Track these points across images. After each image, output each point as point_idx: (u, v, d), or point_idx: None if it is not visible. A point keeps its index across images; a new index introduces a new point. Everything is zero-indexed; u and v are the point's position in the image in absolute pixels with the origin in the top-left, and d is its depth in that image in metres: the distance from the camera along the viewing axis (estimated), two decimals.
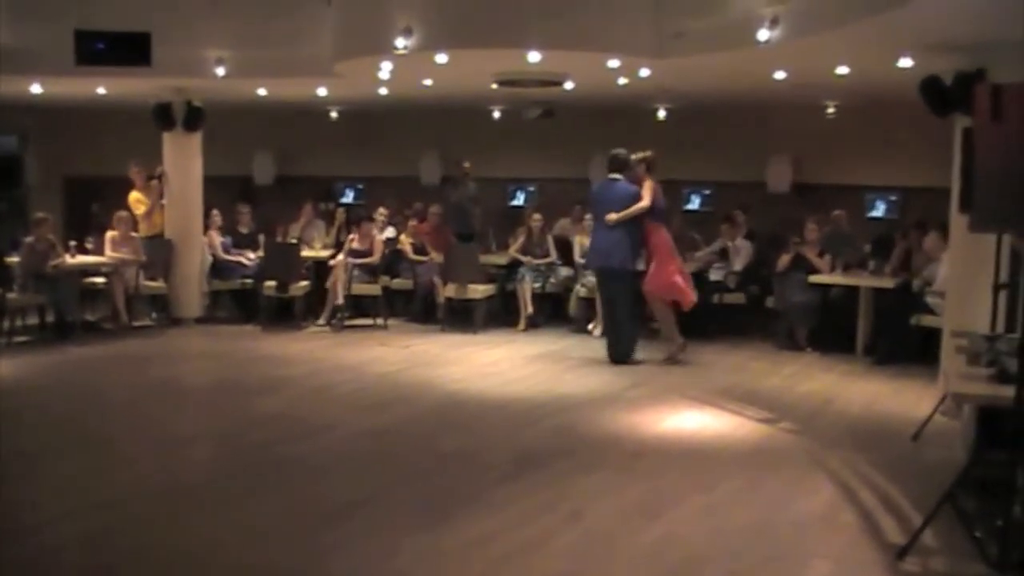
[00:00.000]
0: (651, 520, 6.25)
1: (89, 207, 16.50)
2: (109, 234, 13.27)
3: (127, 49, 12.03)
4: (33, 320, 12.82)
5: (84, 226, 15.17)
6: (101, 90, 13.85)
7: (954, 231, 9.36)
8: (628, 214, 11.08)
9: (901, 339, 11.14)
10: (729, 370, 11.10)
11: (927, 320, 10.74)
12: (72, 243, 13.12)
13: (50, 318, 12.72)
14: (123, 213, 13.59)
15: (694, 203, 16.34)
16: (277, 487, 7.00)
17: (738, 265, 13.20)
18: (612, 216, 11.05)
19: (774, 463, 7.59)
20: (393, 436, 8.38)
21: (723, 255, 13.38)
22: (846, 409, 9.40)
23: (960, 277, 9.21)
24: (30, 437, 8.45)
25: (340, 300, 13.45)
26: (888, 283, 11.56)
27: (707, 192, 16.28)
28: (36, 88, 13.44)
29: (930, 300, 10.76)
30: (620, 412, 9.10)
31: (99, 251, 13.39)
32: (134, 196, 14.22)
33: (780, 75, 11.04)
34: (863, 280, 11.87)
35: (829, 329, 12.11)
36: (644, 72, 11.27)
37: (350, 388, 10.16)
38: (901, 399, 9.70)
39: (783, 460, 7.68)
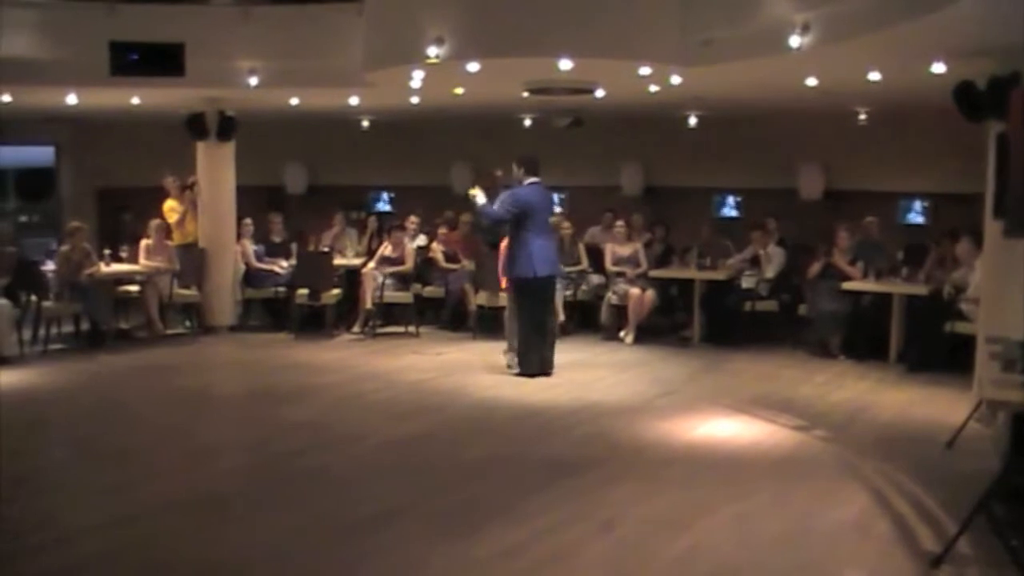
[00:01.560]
0: (682, 530, 6.23)
1: (121, 217, 16.62)
2: (144, 242, 13.38)
3: (161, 60, 12.12)
4: (68, 328, 12.95)
5: (116, 236, 15.29)
6: (135, 100, 13.93)
7: (988, 237, 9.29)
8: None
9: (934, 346, 11.04)
10: (761, 378, 11.05)
11: (960, 327, 10.65)
12: (107, 252, 13.23)
13: (84, 326, 12.83)
14: (158, 221, 13.71)
15: (725, 210, 16.31)
16: (306, 497, 7.01)
17: (770, 272, 13.14)
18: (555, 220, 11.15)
19: (807, 472, 7.55)
20: (424, 444, 8.40)
21: (754, 262, 13.32)
22: (879, 417, 9.35)
23: (994, 283, 9.14)
24: (61, 446, 8.58)
25: (369, 305, 13.50)
26: (920, 290, 11.48)
27: (738, 199, 16.24)
28: (72, 99, 13.54)
29: (963, 307, 10.67)
30: (651, 420, 9.08)
31: (133, 260, 13.49)
32: (168, 205, 14.39)
33: (811, 82, 10.99)
34: (895, 287, 11.80)
35: (862, 337, 12.04)
36: (675, 80, 11.24)
37: (382, 396, 10.18)
38: (934, 406, 9.62)
39: (816, 469, 7.64)
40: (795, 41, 8.87)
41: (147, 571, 5.68)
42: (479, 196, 11.17)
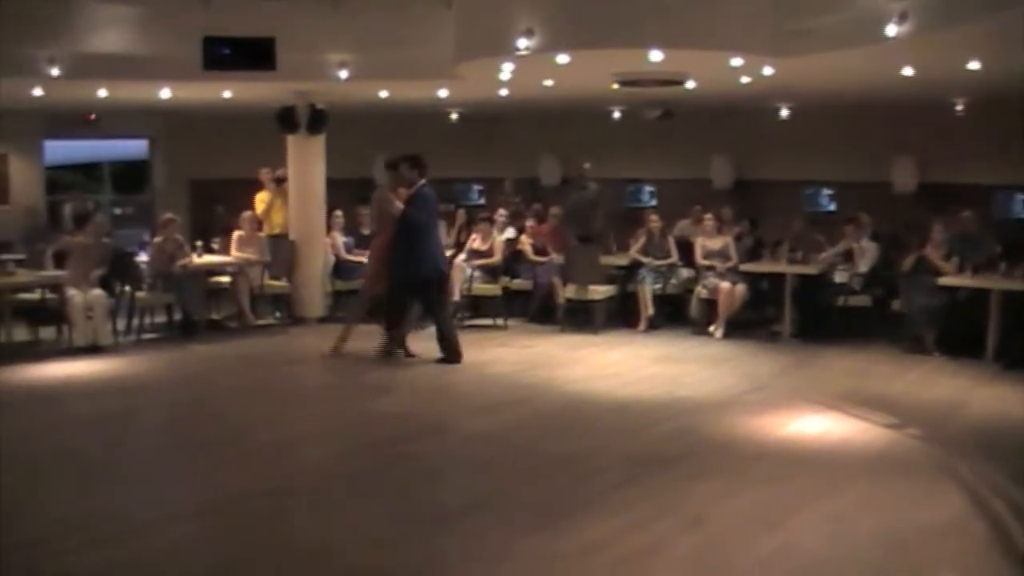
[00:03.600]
0: (772, 527, 6.13)
1: (213, 209, 16.88)
2: (236, 233, 13.57)
3: (252, 54, 12.27)
4: (161, 318, 13.16)
5: (208, 227, 15.51)
6: (227, 94, 14.13)
7: None
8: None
9: None
10: (852, 374, 10.86)
11: None
12: (199, 243, 13.43)
13: (177, 316, 13.03)
14: (249, 213, 13.91)
15: (817, 204, 16.09)
16: (392, 487, 7.04)
17: (863, 267, 12.91)
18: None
19: (900, 470, 7.39)
20: (510, 437, 8.37)
21: (847, 257, 13.10)
22: (975, 415, 9.12)
23: None
24: (150, 435, 8.70)
25: (457, 297, 13.55)
26: (1019, 286, 11.18)
27: (830, 192, 16.02)
28: (166, 93, 13.75)
29: None
30: (741, 415, 8.96)
31: (225, 251, 13.69)
32: (258, 196, 14.60)
33: (907, 72, 10.77)
34: (992, 282, 11.51)
35: (957, 333, 11.76)
36: (767, 71, 11.10)
37: (468, 388, 10.19)
38: None
39: (909, 467, 7.48)
40: (892, 30, 8.70)
41: (234, 558, 5.73)
42: (396, 203, 11.10)
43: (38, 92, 13.12)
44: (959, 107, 13.90)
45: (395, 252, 11.15)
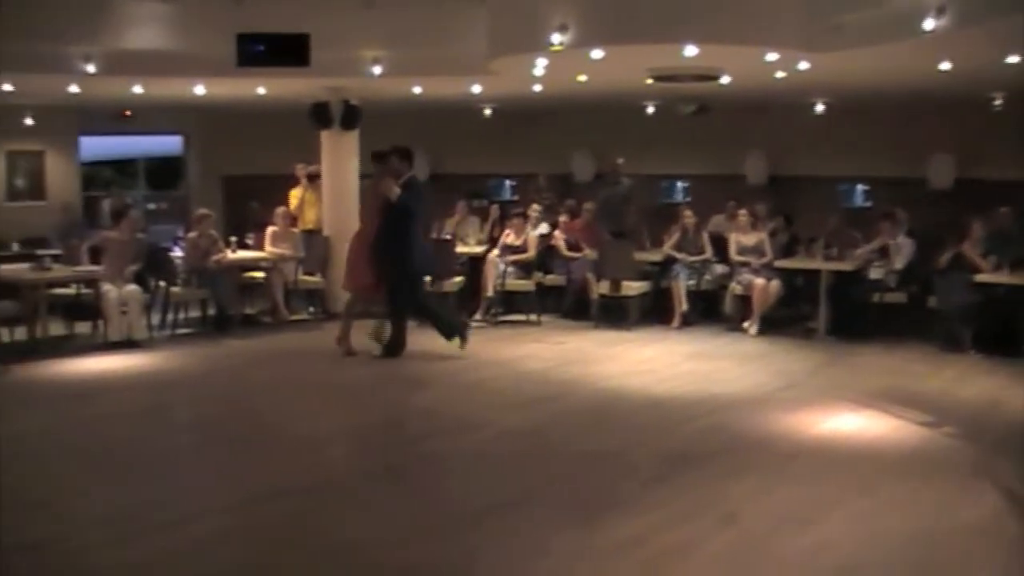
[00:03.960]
0: (806, 525, 6.09)
1: (246, 205, 16.98)
2: (270, 229, 13.63)
3: (286, 50, 12.32)
4: (195, 313, 13.21)
5: (242, 223, 15.58)
6: (261, 90, 14.18)
7: None
8: None
9: None
10: (887, 372, 10.78)
11: None
12: (233, 239, 13.49)
13: (211, 311, 13.07)
14: (282, 208, 13.97)
15: (852, 200, 16.00)
16: (425, 483, 7.04)
17: (899, 264, 12.79)
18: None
19: (935, 469, 7.32)
20: (543, 434, 8.36)
21: (883, 253, 12.99)
22: (1011, 414, 8.99)
23: None
24: (182, 430, 8.72)
25: (491, 293, 13.55)
26: None
27: (866, 189, 15.92)
28: (200, 89, 13.81)
29: None
30: (775, 413, 8.91)
31: (258, 247, 13.74)
32: (292, 192, 14.68)
33: (945, 66, 10.67)
34: None
35: (993, 331, 11.64)
36: (803, 66, 11.03)
37: (502, 384, 10.17)
38: None
39: (945, 466, 7.41)
40: (930, 24, 8.61)
41: (263, 554, 5.74)
42: (395, 189, 10.99)
43: (74, 89, 13.21)
44: (997, 102, 13.76)
45: (386, 245, 11.03)
